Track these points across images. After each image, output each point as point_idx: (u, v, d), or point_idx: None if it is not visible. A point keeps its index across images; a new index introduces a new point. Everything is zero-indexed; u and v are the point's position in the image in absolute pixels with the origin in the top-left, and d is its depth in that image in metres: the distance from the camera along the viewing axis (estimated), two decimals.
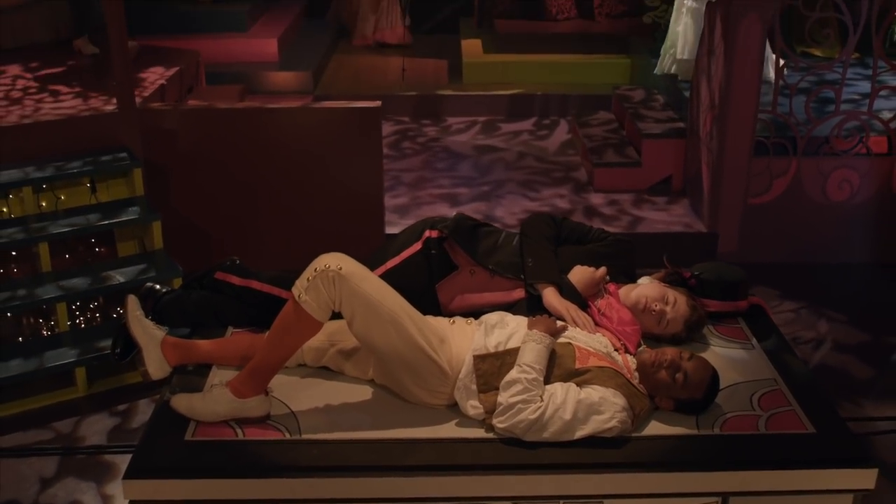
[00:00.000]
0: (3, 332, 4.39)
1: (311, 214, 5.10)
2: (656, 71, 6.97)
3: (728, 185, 5.34)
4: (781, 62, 5.28)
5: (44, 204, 4.62)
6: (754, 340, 3.18)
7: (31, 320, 4.48)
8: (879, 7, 5.09)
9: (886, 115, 5.37)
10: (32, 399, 4.13)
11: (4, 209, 4.53)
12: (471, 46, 8.65)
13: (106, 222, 4.50)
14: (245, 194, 5.08)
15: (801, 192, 5.37)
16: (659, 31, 7.51)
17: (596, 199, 6.04)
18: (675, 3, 6.71)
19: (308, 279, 2.64)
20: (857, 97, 5.98)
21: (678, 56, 6.59)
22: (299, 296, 2.63)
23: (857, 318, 4.88)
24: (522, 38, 8.74)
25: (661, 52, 6.92)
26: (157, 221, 4.56)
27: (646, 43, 7.90)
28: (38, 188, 4.56)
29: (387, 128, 7.21)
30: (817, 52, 6.78)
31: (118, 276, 4.37)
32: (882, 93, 5.35)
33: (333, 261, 2.66)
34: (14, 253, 4.47)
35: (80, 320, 4.52)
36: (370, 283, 2.69)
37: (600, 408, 2.62)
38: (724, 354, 3.08)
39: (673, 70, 6.74)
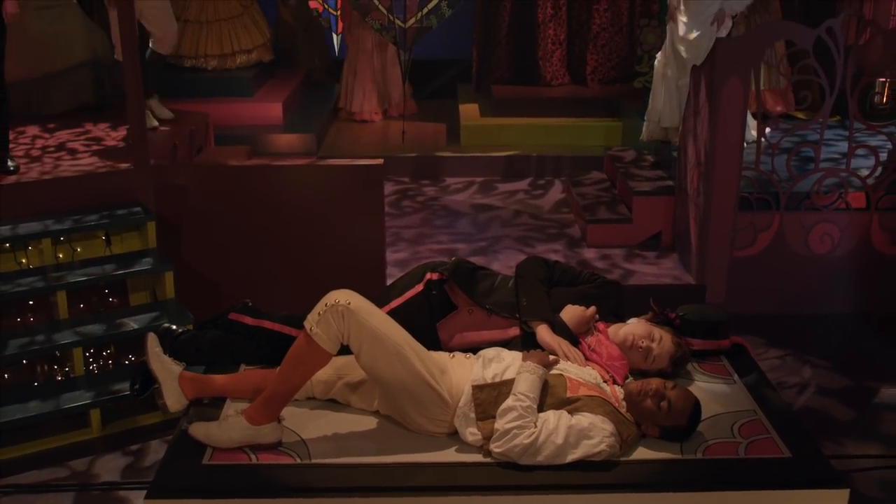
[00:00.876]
0: (20, 377, 4.56)
1: (316, 268, 5.25)
2: (642, 138, 7.24)
3: (715, 239, 5.55)
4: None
5: (61, 255, 4.81)
6: (736, 376, 3.38)
7: (46, 367, 4.66)
8: (853, 72, 5.39)
9: (864, 171, 5.63)
10: (49, 439, 4.28)
11: (24, 260, 4.72)
12: (468, 110, 8.95)
13: (120, 272, 4.69)
14: (253, 247, 5.26)
15: (784, 245, 5.58)
16: (648, 95, 7.82)
17: (589, 253, 6.26)
18: (654, 74, 7.00)
19: (319, 313, 2.85)
20: (836, 156, 6.26)
21: (662, 125, 6.86)
22: (311, 329, 2.84)
23: (840, 365, 5.06)
24: (518, 102, 8.99)
25: (646, 118, 7.21)
26: (169, 271, 4.76)
27: (636, 106, 8.19)
28: (55, 240, 4.75)
29: (388, 187, 7.44)
30: (799, 115, 7.09)
31: (132, 323, 4.54)
32: (859, 151, 5.61)
33: (343, 296, 2.88)
34: (31, 301, 4.66)
35: (93, 366, 4.69)
36: (376, 318, 2.90)
37: (590, 433, 2.81)
38: (708, 388, 3.28)
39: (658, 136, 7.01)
